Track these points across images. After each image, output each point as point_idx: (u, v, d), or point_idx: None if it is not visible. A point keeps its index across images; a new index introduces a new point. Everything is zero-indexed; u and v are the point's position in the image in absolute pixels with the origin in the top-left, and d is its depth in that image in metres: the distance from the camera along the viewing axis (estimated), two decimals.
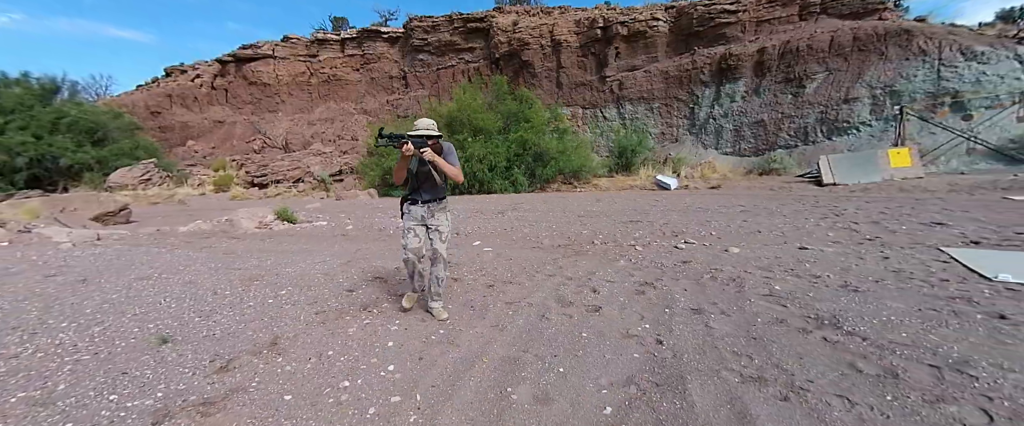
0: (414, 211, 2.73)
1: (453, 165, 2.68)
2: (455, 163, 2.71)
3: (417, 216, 2.72)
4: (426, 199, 2.72)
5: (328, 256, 4.75)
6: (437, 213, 2.75)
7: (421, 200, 2.71)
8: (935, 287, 2.91)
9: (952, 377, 1.76)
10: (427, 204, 2.73)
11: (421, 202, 2.72)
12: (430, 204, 2.73)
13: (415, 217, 2.73)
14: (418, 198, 2.72)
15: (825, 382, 1.80)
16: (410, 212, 2.75)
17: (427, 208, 2.73)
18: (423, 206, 2.72)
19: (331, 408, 1.76)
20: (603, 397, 1.79)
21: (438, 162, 2.58)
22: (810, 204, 7.81)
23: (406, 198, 2.80)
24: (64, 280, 3.84)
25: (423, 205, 2.72)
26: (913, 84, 13.35)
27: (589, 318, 2.72)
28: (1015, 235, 4.64)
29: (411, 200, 2.75)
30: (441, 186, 2.76)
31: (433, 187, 2.72)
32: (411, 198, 2.75)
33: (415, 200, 2.73)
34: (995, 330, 2.18)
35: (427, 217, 2.73)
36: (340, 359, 2.20)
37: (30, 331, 2.55)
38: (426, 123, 2.68)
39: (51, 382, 1.94)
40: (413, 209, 2.74)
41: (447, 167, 2.63)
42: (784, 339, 2.24)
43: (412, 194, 2.75)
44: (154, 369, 2.07)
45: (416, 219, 2.72)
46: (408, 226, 2.74)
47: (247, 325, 2.66)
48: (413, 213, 2.73)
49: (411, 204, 2.75)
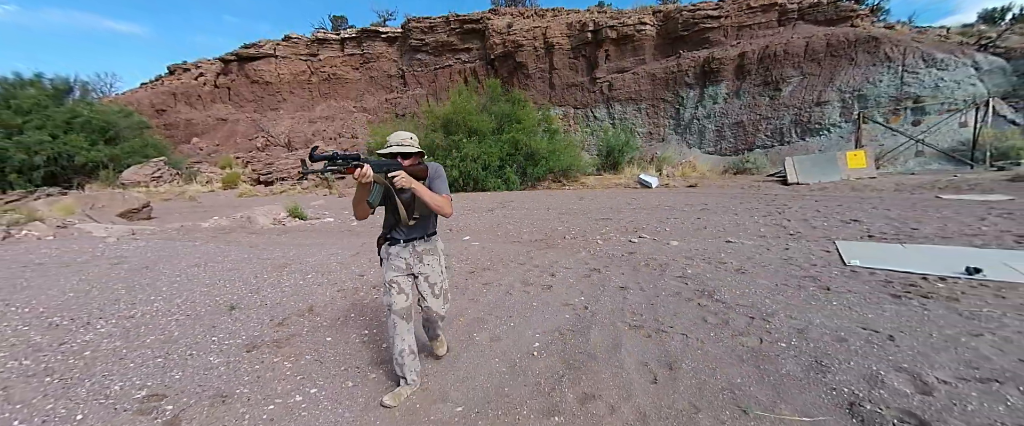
0: (396, 256, 2.07)
1: (439, 193, 1.99)
2: (443, 190, 2.02)
3: (401, 263, 2.07)
4: (410, 237, 2.07)
5: (339, 249, 5.69)
6: (426, 256, 2.10)
7: (403, 239, 2.06)
8: (802, 270, 3.87)
9: (758, 323, 2.72)
10: (411, 243, 2.07)
11: (403, 241, 2.06)
12: (415, 243, 2.08)
13: (398, 265, 2.06)
14: (399, 237, 2.06)
15: (680, 328, 2.75)
16: (390, 257, 2.07)
17: (412, 250, 2.08)
18: (406, 247, 2.07)
19: (357, 345, 2.71)
20: (536, 337, 2.75)
21: (417, 189, 1.88)
22: (765, 202, 8.77)
23: (385, 237, 2.11)
24: (129, 267, 4.77)
25: (406, 245, 2.06)
26: (879, 89, 14.28)
27: (542, 293, 3.67)
28: (911, 230, 5.61)
29: (390, 239, 2.08)
30: (431, 219, 2.13)
31: (420, 221, 2.07)
32: (390, 237, 2.08)
33: (395, 239, 2.06)
34: (812, 297, 3.14)
35: (413, 263, 2.08)
36: (359, 319, 3.15)
37: (129, 303, 3.49)
38: (400, 137, 1.99)
39: (167, 331, 2.88)
40: (394, 253, 2.07)
41: (429, 196, 1.91)
42: (671, 304, 3.20)
43: (391, 232, 2.08)
44: (232, 324, 3.01)
45: (399, 268, 2.06)
46: (391, 279, 2.04)
47: (288, 298, 3.60)
48: (396, 259, 2.06)
49: (390, 245, 2.08)
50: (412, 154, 2.00)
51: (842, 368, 2.11)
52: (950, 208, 7.02)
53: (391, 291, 2.05)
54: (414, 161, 2.01)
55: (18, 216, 8.34)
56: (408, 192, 1.91)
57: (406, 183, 1.85)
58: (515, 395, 2.07)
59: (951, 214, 6.44)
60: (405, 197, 1.98)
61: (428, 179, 2.02)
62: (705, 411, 1.86)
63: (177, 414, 1.91)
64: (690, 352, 2.41)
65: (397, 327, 2.03)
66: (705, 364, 2.27)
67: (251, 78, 27.95)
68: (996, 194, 8.18)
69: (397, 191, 1.92)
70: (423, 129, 16.56)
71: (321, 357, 2.50)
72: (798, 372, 2.12)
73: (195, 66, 29.70)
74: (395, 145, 1.97)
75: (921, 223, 5.96)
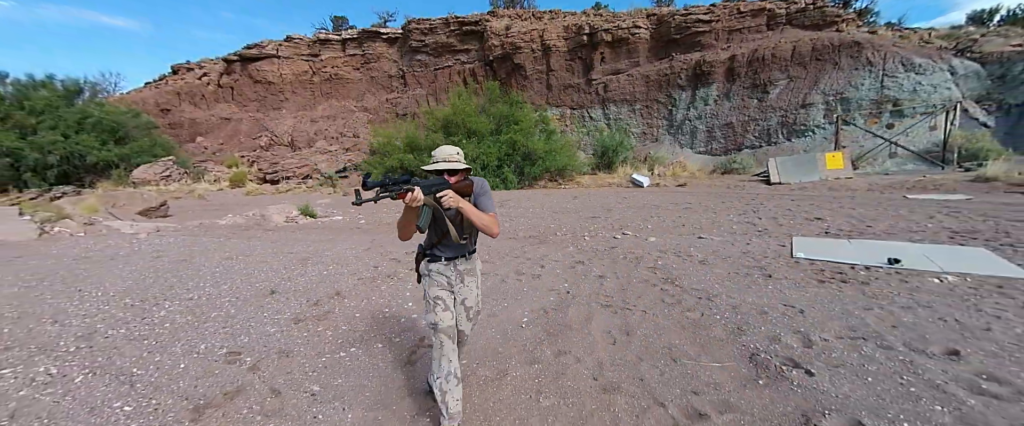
0: (438, 273, 2.01)
1: (486, 211, 1.93)
2: (490, 207, 1.97)
3: (443, 280, 2.01)
4: (454, 255, 2.01)
5: (351, 244, 6.32)
6: (466, 277, 2.05)
7: (445, 257, 2.00)
8: (754, 261, 4.53)
9: (703, 302, 3.37)
10: (452, 262, 2.02)
11: (445, 259, 2.00)
12: (457, 262, 2.02)
13: (441, 282, 2.00)
14: (441, 254, 2.00)
15: (641, 306, 3.41)
16: (431, 274, 2.02)
17: (453, 268, 2.02)
18: (448, 265, 2.01)
19: (381, 319, 3.35)
20: (524, 314, 3.39)
21: (465, 209, 1.81)
22: (744, 201, 9.43)
23: (424, 254, 2.06)
24: (169, 260, 5.41)
25: (448, 263, 2.01)
26: (860, 92, 14.94)
27: (532, 281, 4.32)
28: (866, 227, 6.27)
29: (430, 256, 2.03)
30: (473, 236, 2.06)
31: (467, 239, 2.00)
32: (430, 253, 2.03)
33: (436, 256, 2.01)
34: (754, 282, 3.80)
35: (454, 282, 2.03)
36: (380, 300, 3.79)
37: (184, 289, 4.12)
38: (447, 153, 1.90)
39: (224, 310, 3.53)
40: (436, 270, 2.01)
41: (477, 216, 1.85)
42: (639, 289, 3.85)
43: (433, 249, 2.03)
44: (276, 304, 3.66)
45: (442, 285, 2.00)
46: (434, 295, 1.98)
47: (317, 285, 4.24)
48: (436, 276, 2.01)
49: (430, 261, 2.03)
50: (460, 170, 1.91)
51: (755, 332, 2.77)
52: (908, 207, 7.70)
53: (436, 308, 1.94)
54: (461, 177, 1.92)
55: (49, 214, 8.96)
56: (454, 210, 1.82)
57: (454, 203, 1.76)
58: (506, 352, 2.72)
59: (906, 213, 7.12)
60: (451, 215, 1.88)
61: (474, 195, 1.95)
62: (647, 361, 2.52)
63: (255, 364, 2.55)
64: (645, 323, 3.06)
65: (444, 347, 1.92)
66: (655, 331, 2.92)
67: (254, 78, 28.47)
68: (958, 194, 8.85)
69: (444, 210, 1.83)
70: (424, 130, 17.17)
71: (354, 327, 3.15)
72: (722, 335, 2.78)
73: (199, 66, 30.18)
74: (442, 161, 1.87)
75: (876, 221, 6.62)
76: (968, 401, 1.91)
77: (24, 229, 8.06)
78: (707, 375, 2.31)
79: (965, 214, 6.72)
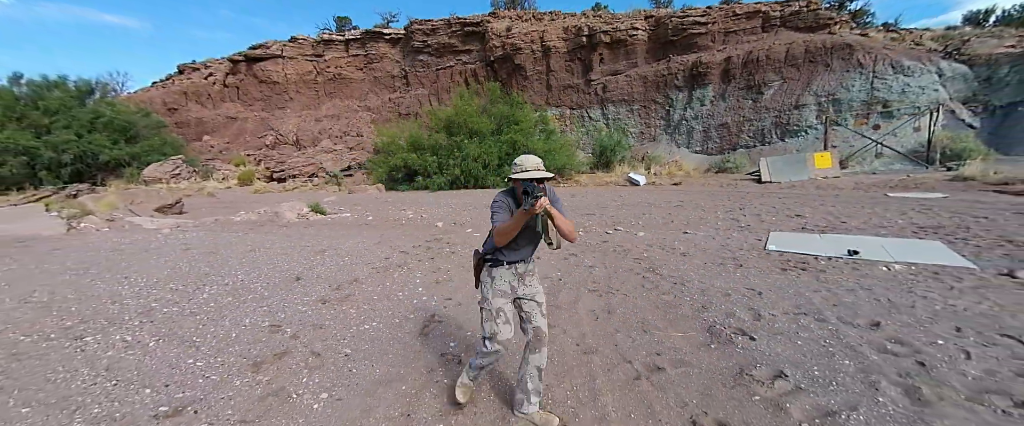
0: (502, 279, 2.00)
1: (564, 216, 1.91)
2: (566, 213, 1.98)
3: (506, 287, 2.00)
4: (517, 260, 2.00)
5: (361, 239, 6.81)
6: (528, 277, 2.07)
7: (508, 261, 1.99)
8: (730, 253, 5.00)
9: (677, 287, 3.86)
10: (514, 266, 2.01)
11: (508, 264, 1.99)
12: (517, 266, 2.02)
13: (504, 290, 1.99)
14: (504, 259, 1.99)
15: (623, 291, 3.89)
16: (495, 281, 2.00)
17: (514, 272, 2.01)
18: (510, 269, 2.00)
19: (397, 301, 3.84)
20: None
21: (555, 215, 1.82)
22: (733, 200, 9.90)
23: (486, 260, 2.04)
24: (198, 252, 5.90)
25: (509, 267, 2.00)
26: (851, 93, 15.36)
27: None
28: (841, 223, 6.73)
29: (493, 261, 2.01)
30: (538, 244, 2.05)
31: (532, 245, 2.03)
32: (493, 259, 2.01)
33: (499, 261, 1.99)
34: (725, 270, 4.28)
35: (517, 287, 2.03)
36: (393, 285, 4.28)
37: (218, 276, 4.62)
38: (536, 162, 1.92)
39: (258, 293, 4.02)
40: (500, 276, 2.00)
41: (563, 222, 1.86)
42: (624, 277, 4.34)
43: (499, 253, 1.99)
44: (303, 288, 4.15)
45: (505, 293, 2.00)
46: (497, 307, 1.96)
47: (336, 273, 4.73)
48: (500, 283, 2.00)
49: (493, 266, 2.01)
50: (547, 179, 1.89)
51: (716, 309, 3.25)
52: (886, 205, 8.15)
53: (497, 320, 1.94)
54: (544, 185, 1.88)
55: (74, 211, 9.47)
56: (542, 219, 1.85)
57: (547, 208, 1.77)
58: None
59: (881, 210, 7.58)
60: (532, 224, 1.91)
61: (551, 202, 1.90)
62: (622, 332, 3.00)
63: (295, 333, 3.04)
64: (625, 304, 3.55)
65: (497, 355, 1.96)
66: (632, 310, 3.41)
67: (259, 78, 28.95)
68: (936, 193, 9.30)
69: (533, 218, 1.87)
70: (426, 129, 17.64)
71: (373, 307, 3.64)
72: (689, 312, 3.27)
73: (205, 66, 30.68)
74: (532, 170, 1.87)
75: (852, 217, 7.09)
76: (871, 356, 2.39)
77: (53, 224, 8.58)
78: (671, 342, 2.80)
79: (935, 211, 7.18)
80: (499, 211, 1.94)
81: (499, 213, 1.93)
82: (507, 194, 2.02)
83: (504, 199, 1.99)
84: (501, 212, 1.93)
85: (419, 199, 12.74)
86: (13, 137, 16.03)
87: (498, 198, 2.00)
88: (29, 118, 17.50)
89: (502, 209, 1.94)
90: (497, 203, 1.97)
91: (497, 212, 1.94)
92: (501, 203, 1.97)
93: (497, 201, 1.98)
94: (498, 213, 1.93)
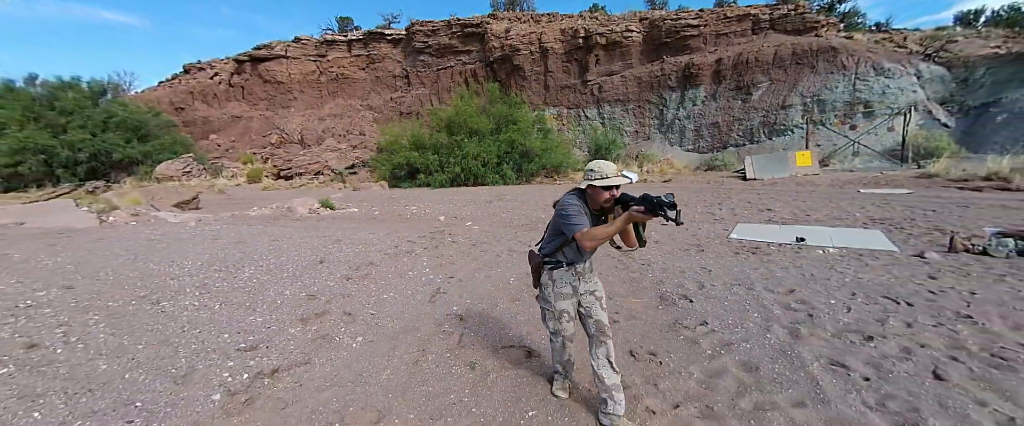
0: (562, 281, 2.07)
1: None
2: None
3: (568, 289, 2.08)
4: (578, 260, 2.06)
5: (371, 230, 7.53)
6: (586, 274, 2.13)
7: (569, 262, 2.06)
8: (696, 240, 5.73)
9: (643, 267, 4.58)
10: (574, 266, 2.07)
11: (568, 265, 2.06)
12: (577, 265, 2.08)
13: (566, 291, 2.08)
14: (564, 260, 2.06)
15: (599, 270, 4.61)
16: (556, 283, 2.08)
17: (573, 271, 2.07)
18: (569, 269, 2.07)
19: (409, 277, 4.57)
20: (512, 276, 4.60)
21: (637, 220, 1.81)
22: (715, 195, 10.61)
23: (547, 261, 2.09)
24: (226, 242, 6.62)
25: (570, 269, 2.07)
26: (835, 94, 16.05)
27: (520, 257, 5.52)
28: (805, 216, 7.45)
29: (553, 263, 2.07)
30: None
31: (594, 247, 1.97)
32: (554, 261, 2.07)
33: (559, 263, 2.06)
34: (687, 254, 5.01)
35: (578, 286, 2.10)
36: (403, 266, 5.01)
37: (252, 260, 5.34)
38: (613, 168, 1.95)
39: (291, 272, 4.74)
40: (561, 278, 2.07)
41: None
42: (601, 260, 5.05)
43: (559, 255, 2.05)
44: (327, 270, 4.87)
45: (567, 294, 2.08)
46: (561, 309, 2.08)
47: (353, 257, 5.46)
48: (562, 285, 2.08)
49: (553, 268, 2.07)
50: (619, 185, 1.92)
51: (671, 283, 3.98)
52: (852, 199, 8.87)
53: (561, 319, 2.10)
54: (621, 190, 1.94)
55: (103, 206, 10.20)
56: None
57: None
58: (497, 296, 3.93)
59: (845, 204, 8.30)
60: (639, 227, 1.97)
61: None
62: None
63: (328, 300, 3.77)
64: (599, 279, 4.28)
65: (566, 348, 2.18)
66: (604, 284, 4.12)
67: (264, 78, 29.63)
68: (903, 189, 10.02)
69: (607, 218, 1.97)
70: (428, 129, 18.34)
71: (390, 283, 4.36)
72: (648, 286, 3.99)
73: (210, 65, 31.32)
74: (612, 176, 1.90)
75: (816, 211, 7.82)
76: (776, 311, 3.12)
77: (85, 218, 9.30)
78: (629, 305, 3.52)
79: (893, 205, 7.91)
80: (577, 215, 1.90)
81: (577, 217, 1.89)
82: (578, 196, 1.99)
83: (578, 203, 1.95)
84: (579, 216, 1.89)
85: (422, 196, 13.46)
86: (32, 136, 16.73)
87: (571, 202, 1.96)
88: (46, 118, 18.20)
89: (580, 213, 1.90)
90: (572, 207, 1.92)
91: (575, 216, 1.89)
92: (577, 207, 1.93)
93: (571, 205, 1.94)
94: (576, 217, 1.89)
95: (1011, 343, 2.49)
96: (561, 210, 1.97)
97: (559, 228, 1.99)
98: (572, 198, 1.99)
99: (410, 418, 2.11)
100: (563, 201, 2.00)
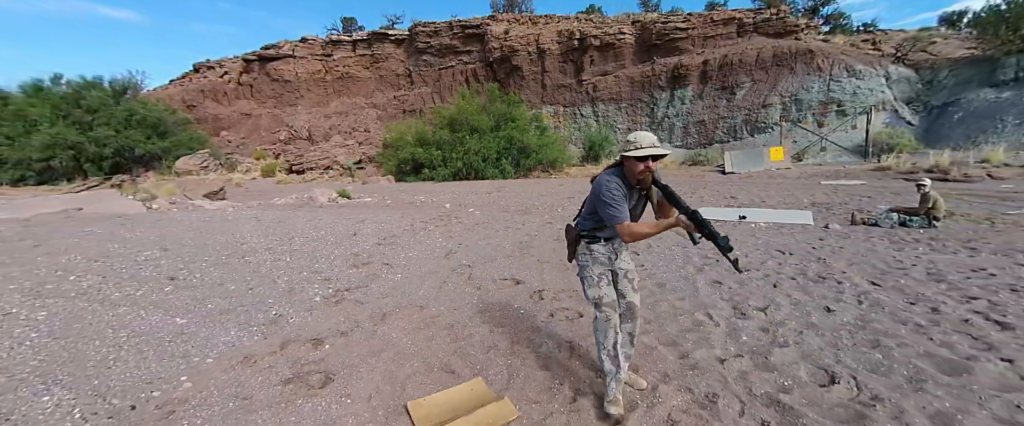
0: (599, 253, 2.11)
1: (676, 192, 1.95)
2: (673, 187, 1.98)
3: (605, 259, 2.12)
4: (614, 236, 2.08)
5: (387, 214, 8.75)
6: (622, 252, 2.18)
7: (606, 238, 2.10)
8: None
9: None
10: (610, 242, 2.12)
11: (605, 241, 2.10)
12: (614, 241, 2.12)
13: (603, 261, 2.12)
14: (601, 236, 2.10)
15: None
16: (592, 253, 2.12)
17: (610, 247, 2.13)
18: (606, 245, 2.11)
19: (426, 245, 5.79)
20: (507, 244, 5.83)
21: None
22: (691, 187, 11.83)
23: (584, 235, 2.13)
24: (269, 222, 7.84)
25: (606, 244, 2.11)
26: (810, 94, 17.24)
27: (515, 232, 6.76)
28: (761, 201, 8.69)
29: (590, 237, 2.11)
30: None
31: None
32: (591, 236, 2.11)
33: (596, 238, 2.10)
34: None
35: (614, 259, 2.15)
36: (421, 238, 6.23)
37: (298, 233, 6.56)
38: (652, 139, 1.89)
39: (332, 241, 5.97)
40: (597, 250, 2.11)
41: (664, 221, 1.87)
42: None
43: (597, 231, 2.09)
44: (360, 240, 6.10)
45: (603, 263, 2.12)
46: (598, 273, 2.11)
47: (378, 232, 6.68)
48: (598, 255, 2.11)
49: (590, 242, 2.11)
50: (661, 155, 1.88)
51: None
52: (809, 189, 10.10)
53: (600, 283, 2.07)
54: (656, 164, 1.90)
55: (145, 195, 11.43)
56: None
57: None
58: (495, 257, 5.17)
59: (800, 193, 9.52)
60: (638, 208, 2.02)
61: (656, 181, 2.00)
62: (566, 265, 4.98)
63: (370, 256, 5.00)
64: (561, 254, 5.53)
65: (610, 320, 2.04)
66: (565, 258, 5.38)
67: (271, 76, 30.75)
68: (858, 180, 11.24)
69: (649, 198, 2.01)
70: (431, 126, 19.54)
71: (412, 247, 5.60)
72: None
73: (219, 65, 32.45)
74: (648, 147, 1.86)
75: (771, 197, 9.05)
76: (694, 260, 4.36)
77: (132, 205, 10.53)
78: None
79: (839, 192, 9.14)
80: (617, 203, 1.89)
81: (618, 206, 1.89)
82: (618, 176, 1.97)
83: (618, 183, 1.93)
84: (620, 205, 1.89)
85: (427, 188, 14.68)
86: (63, 133, 17.92)
87: (610, 184, 1.93)
88: (73, 115, 19.39)
89: (620, 200, 1.90)
90: (614, 193, 1.90)
91: (614, 204, 1.89)
92: (618, 193, 1.91)
93: (612, 188, 1.91)
94: (616, 206, 1.88)
95: (837, 271, 3.73)
96: (600, 194, 1.94)
97: (596, 208, 2.00)
98: (611, 179, 1.96)
99: (442, 309, 3.35)
100: (600, 181, 1.98)
